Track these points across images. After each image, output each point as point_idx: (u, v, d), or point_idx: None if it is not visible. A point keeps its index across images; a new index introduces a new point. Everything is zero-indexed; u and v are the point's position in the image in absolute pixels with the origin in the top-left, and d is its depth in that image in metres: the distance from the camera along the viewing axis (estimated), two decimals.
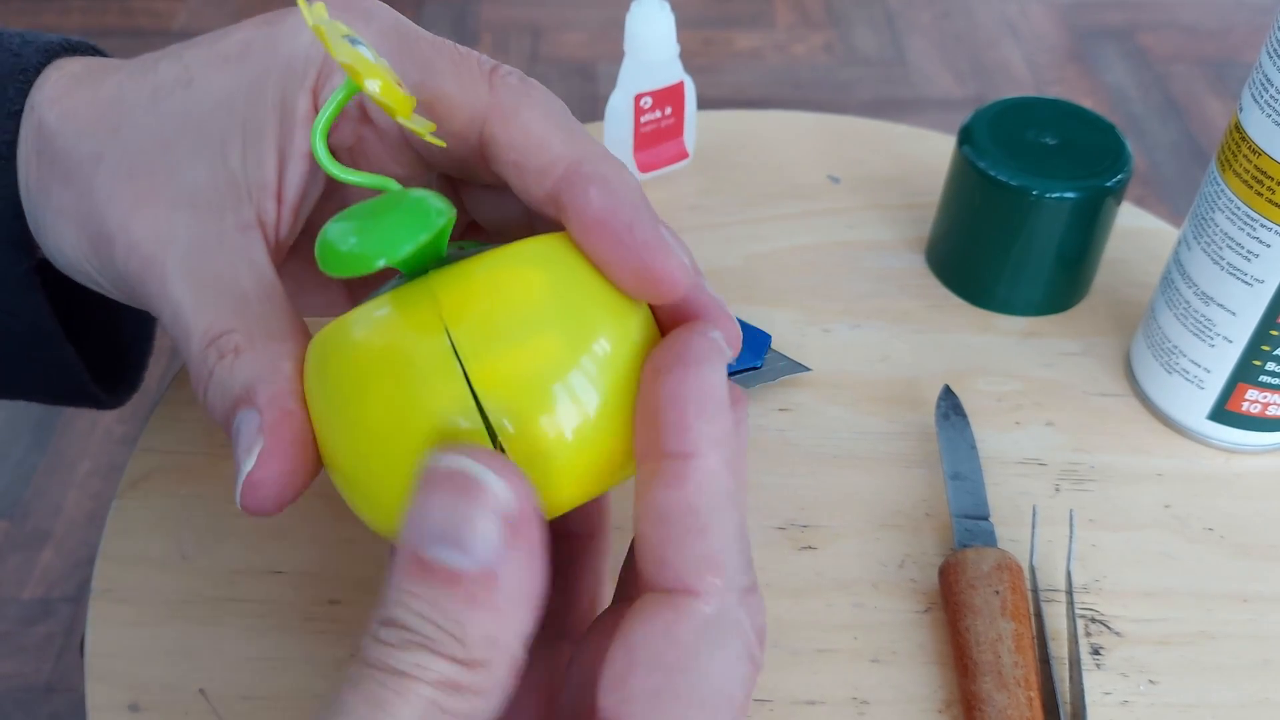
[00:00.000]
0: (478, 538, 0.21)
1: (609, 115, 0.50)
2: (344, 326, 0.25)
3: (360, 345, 0.24)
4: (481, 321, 0.23)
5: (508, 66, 0.30)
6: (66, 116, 0.31)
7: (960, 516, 0.38)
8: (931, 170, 0.54)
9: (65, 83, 0.32)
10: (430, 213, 0.24)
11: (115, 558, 0.37)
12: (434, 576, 0.21)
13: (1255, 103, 0.36)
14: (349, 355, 0.24)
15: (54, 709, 0.98)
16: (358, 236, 0.23)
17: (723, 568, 0.23)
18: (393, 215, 0.24)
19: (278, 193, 0.30)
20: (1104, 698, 0.35)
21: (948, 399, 0.42)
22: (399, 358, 0.23)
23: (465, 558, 0.21)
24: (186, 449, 0.40)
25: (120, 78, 0.31)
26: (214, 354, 0.27)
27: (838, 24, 1.81)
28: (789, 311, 0.47)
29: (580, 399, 0.24)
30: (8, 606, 1.05)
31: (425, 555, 0.21)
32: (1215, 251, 0.39)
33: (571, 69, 1.69)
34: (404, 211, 0.24)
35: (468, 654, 0.21)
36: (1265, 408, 0.41)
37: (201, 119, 0.30)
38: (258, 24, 0.31)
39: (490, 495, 0.21)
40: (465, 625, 0.21)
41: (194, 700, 0.33)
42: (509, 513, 0.21)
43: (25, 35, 0.33)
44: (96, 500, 1.13)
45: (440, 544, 0.21)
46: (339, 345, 0.25)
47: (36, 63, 0.32)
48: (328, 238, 0.24)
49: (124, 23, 1.78)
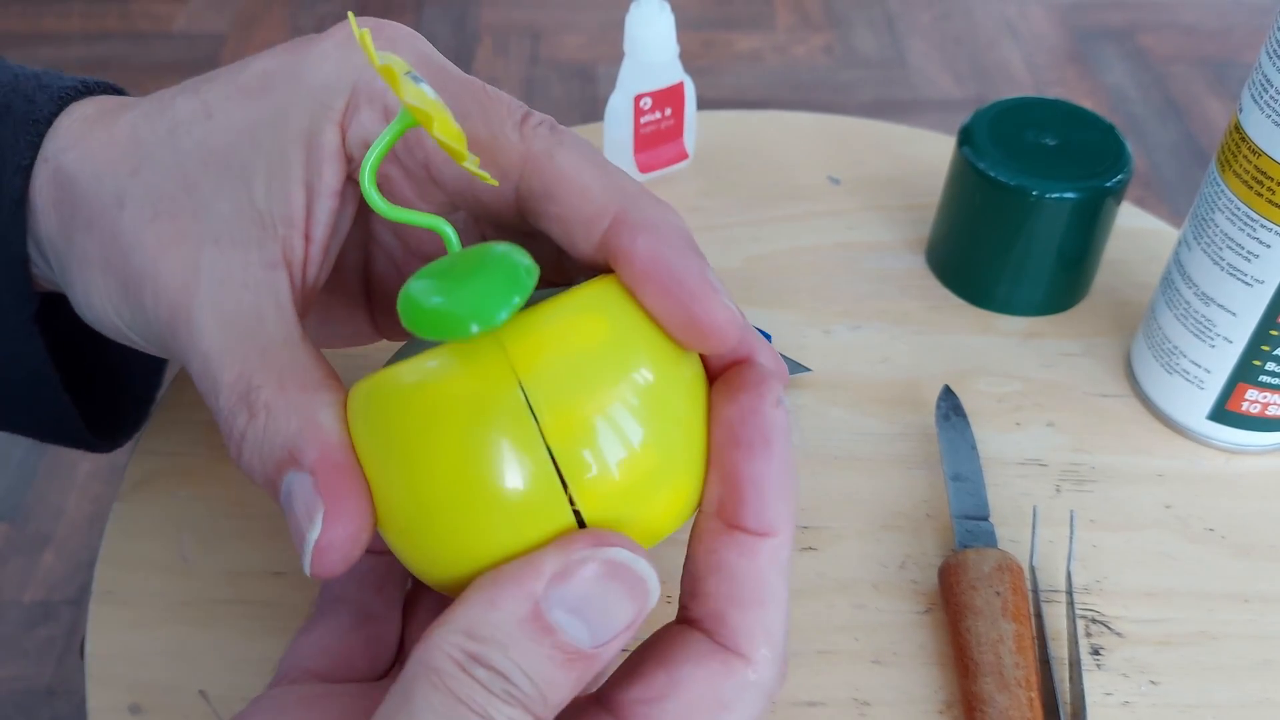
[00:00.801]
0: (612, 625, 0.23)
1: (609, 116, 0.50)
2: (401, 376, 0.24)
3: (425, 396, 0.24)
4: (553, 373, 0.23)
5: (538, 114, 0.29)
6: (84, 160, 0.30)
7: (961, 517, 0.38)
8: (931, 171, 0.54)
9: (79, 126, 0.31)
10: (520, 272, 0.23)
11: (116, 560, 0.37)
12: (553, 642, 0.22)
13: (1255, 103, 0.36)
14: (413, 407, 0.24)
15: (55, 712, 0.98)
16: (447, 297, 0.23)
17: (776, 643, 0.25)
18: (482, 275, 0.23)
19: (305, 230, 0.29)
20: (1105, 698, 0.35)
21: (948, 399, 0.42)
22: (470, 409, 0.23)
23: (589, 637, 0.23)
24: (187, 451, 0.40)
25: (134, 116, 0.30)
26: (244, 412, 0.26)
27: (838, 25, 1.81)
28: (789, 312, 0.47)
29: (649, 448, 0.24)
30: (9, 609, 1.05)
31: (550, 618, 0.22)
32: (1215, 252, 0.39)
33: (571, 71, 1.70)
34: (493, 270, 0.23)
35: (545, 715, 0.22)
36: (1265, 408, 0.41)
37: (223, 152, 0.29)
38: (277, 55, 0.30)
39: (647, 597, 0.23)
40: (558, 691, 0.22)
41: (195, 702, 0.33)
42: (645, 609, 0.23)
43: (42, 79, 0.32)
44: (97, 503, 1.13)
45: (574, 615, 0.23)
46: (398, 396, 0.24)
47: (49, 112, 0.31)
48: (414, 297, 0.23)
49: (123, 26, 1.78)
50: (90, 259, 0.30)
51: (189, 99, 0.30)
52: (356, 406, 0.26)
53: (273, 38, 1.75)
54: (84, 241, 0.30)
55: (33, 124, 0.31)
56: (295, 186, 0.29)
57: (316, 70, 0.29)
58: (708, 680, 0.24)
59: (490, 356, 0.24)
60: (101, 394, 0.39)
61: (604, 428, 0.24)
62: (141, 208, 0.29)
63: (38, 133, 0.31)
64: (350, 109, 0.29)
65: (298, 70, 0.30)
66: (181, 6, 1.82)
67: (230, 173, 0.29)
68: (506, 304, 0.23)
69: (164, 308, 0.28)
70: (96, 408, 0.38)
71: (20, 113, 0.31)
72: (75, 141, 0.31)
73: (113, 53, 1.72)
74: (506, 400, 0.23)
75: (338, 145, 0.29)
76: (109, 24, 1.78)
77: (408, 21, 1.74)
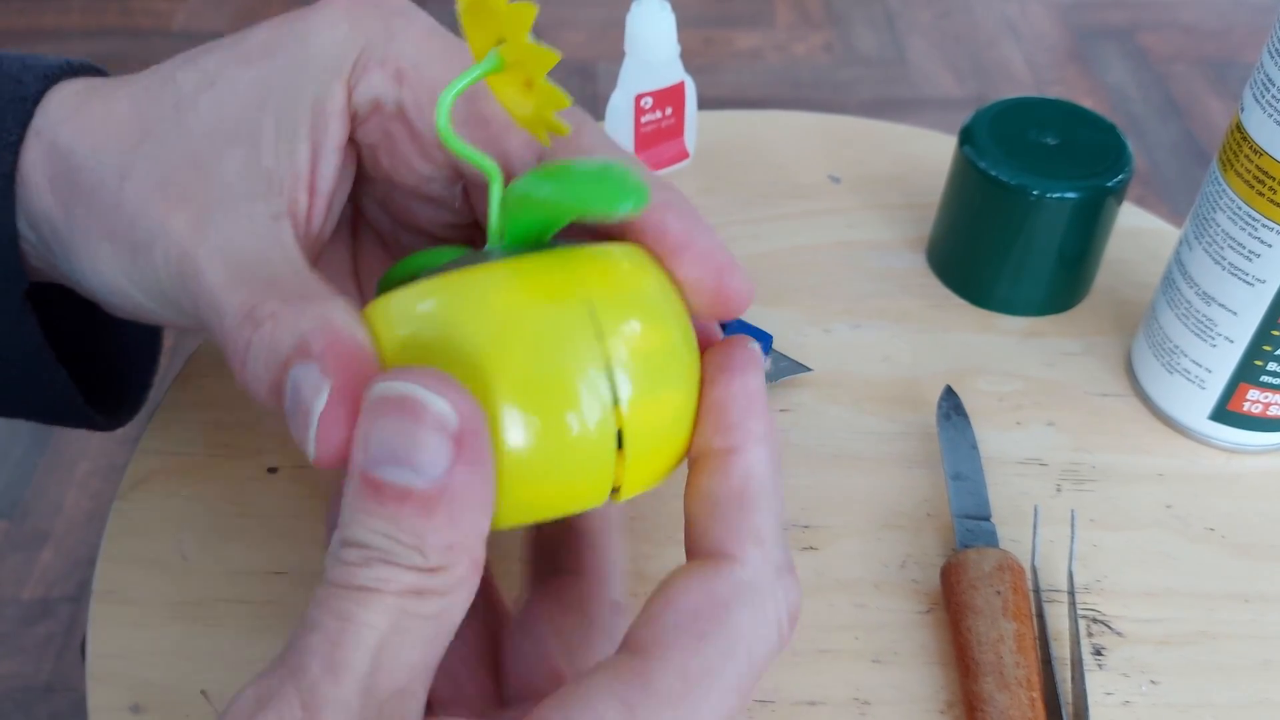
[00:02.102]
0: (425, 455, 0.22)
1: (609, 115, 0.50)
2: (455, 286, 0.25)
3: (490, 305, 0.24)
4: (618, 303, 0.25)
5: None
6: (81, 134, 0.30)
7: (961, 517, 0.38)
8: (932, 170, 0.54)
9: (72, 100, 0.31)
10: (638, 187, 0.24)
11: (117, 558, 0.37)
12: (386, 495, 0.22)
13: (1257, 103, 0.36)
14: (473, 315, 0.24)
15: (54, 709, 0.98)
16: (559, 184, 0.24)
17: (763, 541, 0.25)
18: (603, 178, 0.24)
19: (310, 183, 0.30)
20: (1105, 698, 0.35)
21: (949, 399, 0.42)
22: (542, 321, 0.24)
23: (415, 475, 0.22)
24: (188, 450, 0.40)
25: (134, 90, 0.31)
26: (250, 325, 0.26)
27: (838, 24, 1.81)
28: (790, 311, 0.47)
29: (680, 389, 0.26)
30: (7, 606, 1.05)
31: (376, 476, 0.22)
32: (1217, 251, 0.39)
33: (572, 69, 1.69)
34: (610, 176, 0.24)
35: (428, 561, 0.22)
36: (1266, 408, 0.41)
37: (230, 117, 0.30)
38: (277, 24, 0.31)
39: (433, 414, 0.22)
40: (423, 536, 0.22)
41: (195, 701, 0.33)
42: (453, 428, 0.22)
43: (25, 60, 0.32)
44: (96, 500, 1.13)
45: (389, 464, 0.22)
46: (455, 303, 0.24)
47: (37, 90, 0.31)
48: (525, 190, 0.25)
49: (123, 22, 1.78)
50: (92, 231, 0.30)
51: (189, 71, 0.30)
52: (390, 313, 0.25)
53: None
54: (84, 215, 0.30)
55: (20, 101, 0.31)
56: (301, 144, 0.29)
57: (322, 35, 0.30)
58: (700, 587, 0.25)
59: (563, 278, 0.25)
60: (100, 372, 0.39)
61: (656, 361, 0.25)
62: (147, 177, 0.29)
63: (25, 110, 0.30)
64: (359, 69, 0.30)
65: (302, 35, 0.30)
66: (181, 4, 1.82)
67: (238, 135, 0.29)
68: (631, 199, 0.23)
69: (174, 262, 0.28)
70: (96, 385, 0.38)
71: (7, 92, 0.31)
72: (70, 116, 0.30)
73: (112, 50, 1.72)
74: (577, 317, 0.24)
75: (343, 103, 0.30)
76: (109, 20, 1.78)
77: None
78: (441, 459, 0.22)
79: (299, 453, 0.40)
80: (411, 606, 0.22)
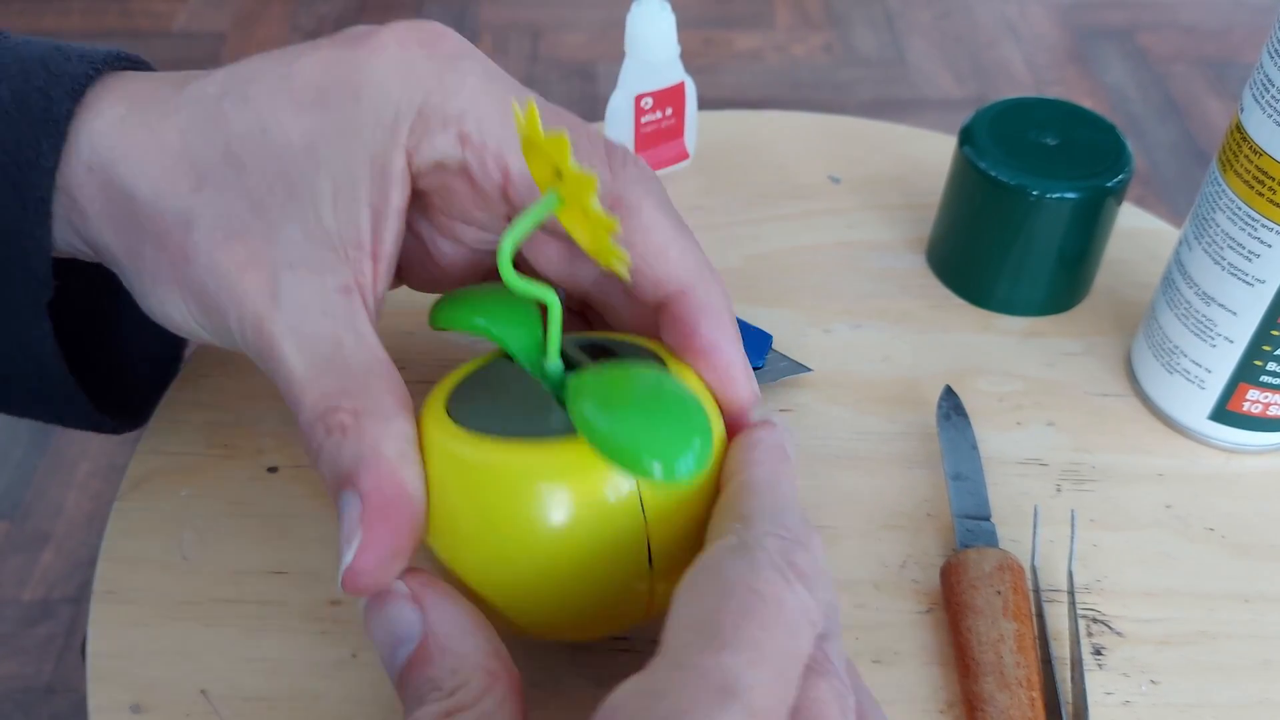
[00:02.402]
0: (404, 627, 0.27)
1: (609, 116, 0.50)
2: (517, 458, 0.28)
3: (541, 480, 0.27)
4: (666, 496, 0.28)
5: (618, 146, 0.32)
6: (138, 175, 0.30)
7: (961, 517, 0.38)
8: (932, 170, 0.54)
9: (118, 130, 0.31)
10: (699, 414, 0.27)
11: (117, 558, 0.37)
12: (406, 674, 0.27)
13: (1256, 103, 0.36)
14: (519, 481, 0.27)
15: (55, 710, 0.98)
16: (630, 431, 0.26)
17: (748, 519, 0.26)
18: (663, 414, 0.26)
19: (373, 251, 0.30)
20: (1105, 698, 0.35)
21: (949, 399, 0.42)
22: (598, 524, 0.28)
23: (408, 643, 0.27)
24: (188, 450, 0.40)
25: (181, 123, 0.31)
26: (322, 429, 0.28)
27: (837, 24, 1.81)
28: (790, 312, 0.47)
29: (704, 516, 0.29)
30: (8, 607, 1.05)
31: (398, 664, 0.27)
32: (1216, 252, 0.39)
33: (571, 69, 1.69)
34: (671, 409, 0.27)
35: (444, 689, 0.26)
36: (1266, 408, 0.41)
37: (287, 173, 0.30)
38: (326, 61, 0.31)
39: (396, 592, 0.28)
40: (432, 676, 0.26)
41: (196, 701, 0.33)
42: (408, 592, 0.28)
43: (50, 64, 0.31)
44: (97, 501, 1.13)
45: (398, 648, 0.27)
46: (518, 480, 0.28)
47: (67, 109, 0.31)
48: (593, 423, 0.26)
49: (123, 24, 1.78)
50: (162, 276, 0.31)
51: (239, 108, 0.30)
52: (450, 451, 0.28)
53: (272, 36, 1.75)
54: (154, 258, 0.31)
55: (51, 123, 0.30)
56: (362, 209, 0.30)
57: (376, 89, 0.30)
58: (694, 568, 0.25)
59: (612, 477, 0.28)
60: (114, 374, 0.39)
61: (689, 525, 0.29)
62: (212, 230, 0.30)
63: (58, 131, 0.30)
64: (418, 131, 0.30)
65: (354, 85, 0.30)
66: (181, 4, 1.82)
67: (296, 194, 0.30)
68: (690, 450, 0.26)
69: (250, 332, 0.30)
70: (107, 390, 0.38)
71: (36, 109, 0.30)
72: (121, 147, 0.30)
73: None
74: (632, 514, 0.28)
75: (404, 167, 0.30)
76: (109, 22, 1.78)
77: (407, 18, 1.74)
78: (413, 622, 0.26)
79: (299, 453, 0.40)
80: None
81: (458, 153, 0.31)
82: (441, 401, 0.30)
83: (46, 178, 0.30)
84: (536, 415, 0.29)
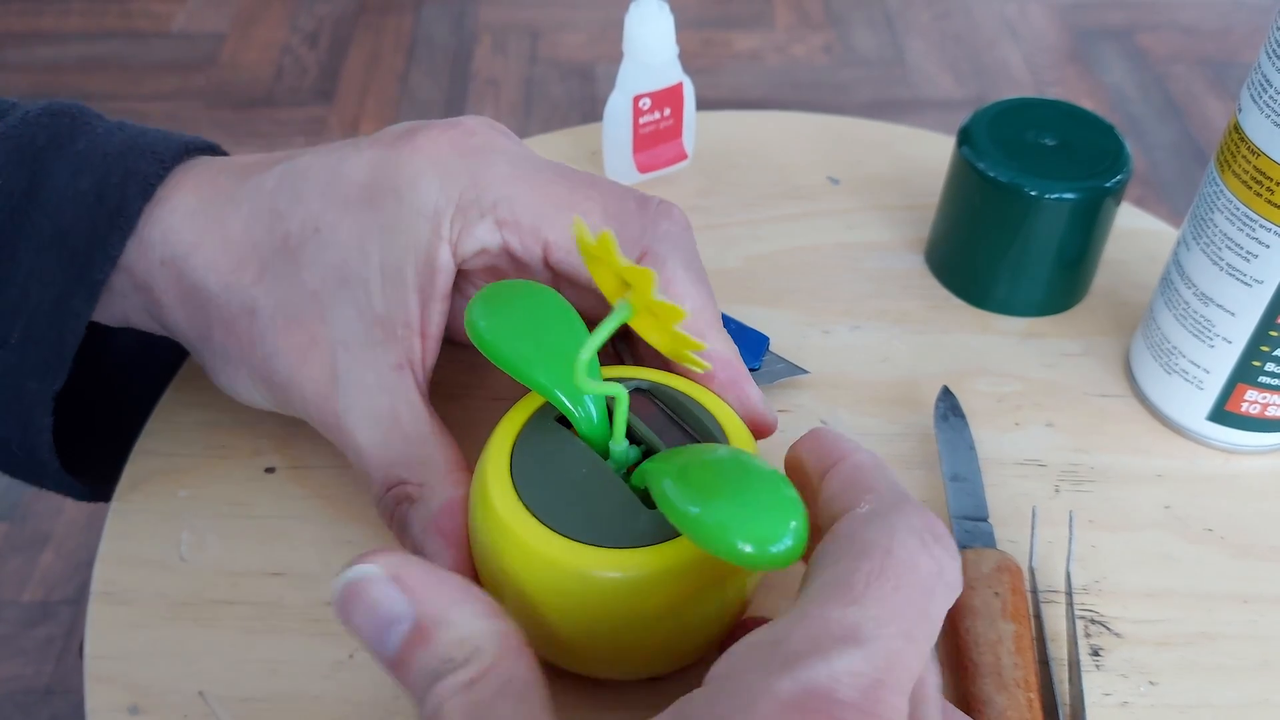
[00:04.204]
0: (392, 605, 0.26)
1: (608, 116, 0.50)
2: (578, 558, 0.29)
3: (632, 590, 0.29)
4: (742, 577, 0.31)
5: (657, 200, 0.35)
6: (208, 269, 0.34)
7: (959, 518, 0.38)
8: (931, 171, 0.54)
9: (188, 224, 0.34)
10: (790, 502, 0.27)
11: (115, 560, 0.37)
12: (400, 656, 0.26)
13: (1254, 103, 0.36)
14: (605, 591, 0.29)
15: (54, 711, 0.98)
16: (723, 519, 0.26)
17: (878, 490, 0.27)
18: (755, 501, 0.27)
19: (422, 330, 0.34)
20: (1104, 699, 0.35)
21: (946, 400, 0.42)
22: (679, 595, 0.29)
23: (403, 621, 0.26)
24: (186, 451, 0.40)
25: (245, 218, 0.34)
26: (392, 500, 0.34)
27: (837, 25, 1.81)
28: (788, 312, 0.47)
29: None
30: (7, 609, 1.05)
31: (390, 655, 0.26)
32: (1214, 252, 0.39)
33: (570, 70, 1.69)
34: (763, 495, 0.27)
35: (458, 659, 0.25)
36: (1265, 408, 0.41)
37: (339, 266, 0.34)
38: (370, 161, 0.34)
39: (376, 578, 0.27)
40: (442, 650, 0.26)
41: (194, 702, 0.33)
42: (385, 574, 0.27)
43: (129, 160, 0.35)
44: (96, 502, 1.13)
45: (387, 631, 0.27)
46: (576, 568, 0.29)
47: (139, 206, 0.34)
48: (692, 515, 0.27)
49: (123, 25, 1.78)
50: (231, 357, 0.35)
51: (292, 205, 0.34)
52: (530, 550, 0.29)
53: (272, 37, 1.75)
54: (223, 341, 0.35)
55: (123, 218, 0.34)
56: (411, 294, 0.34)
57: (417, 190, 0.34)
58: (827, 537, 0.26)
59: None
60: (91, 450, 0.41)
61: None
62: (273, 316, 0.34)
63: (127, 226, 0.34)
64: (458, 224, 0.34)
65: (397, 187, 0.34)
66: (180, 5, 1.82)
67: (347, 283, 0.34)
68: (786, 533, 0.26)
69: (313, 410, 0.34)
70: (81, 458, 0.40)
71: (112, 205, 0.34)
72: (191, 242, 0.34)
73: (112, 52, 1.72)
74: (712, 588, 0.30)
75: (448, 258, 0.34)
76: (108, 23, 1.78)
77: (406, 20, 1.74)
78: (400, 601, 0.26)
79: (297, 453, 0.40)
80: (477, 694, 0.24)
81: (497, 237, 0.34)
82: (505, 468, 0.31)
83: (109, 263, 0.34)
84: (614, 511, 0.30)
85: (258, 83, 1.66)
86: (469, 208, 0.34)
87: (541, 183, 0.34)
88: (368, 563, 0.26)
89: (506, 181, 0.34)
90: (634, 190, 0.35)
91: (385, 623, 0.26)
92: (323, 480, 0.39)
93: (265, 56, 1.71)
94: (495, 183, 0.34)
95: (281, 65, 1.69)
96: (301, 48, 1.72)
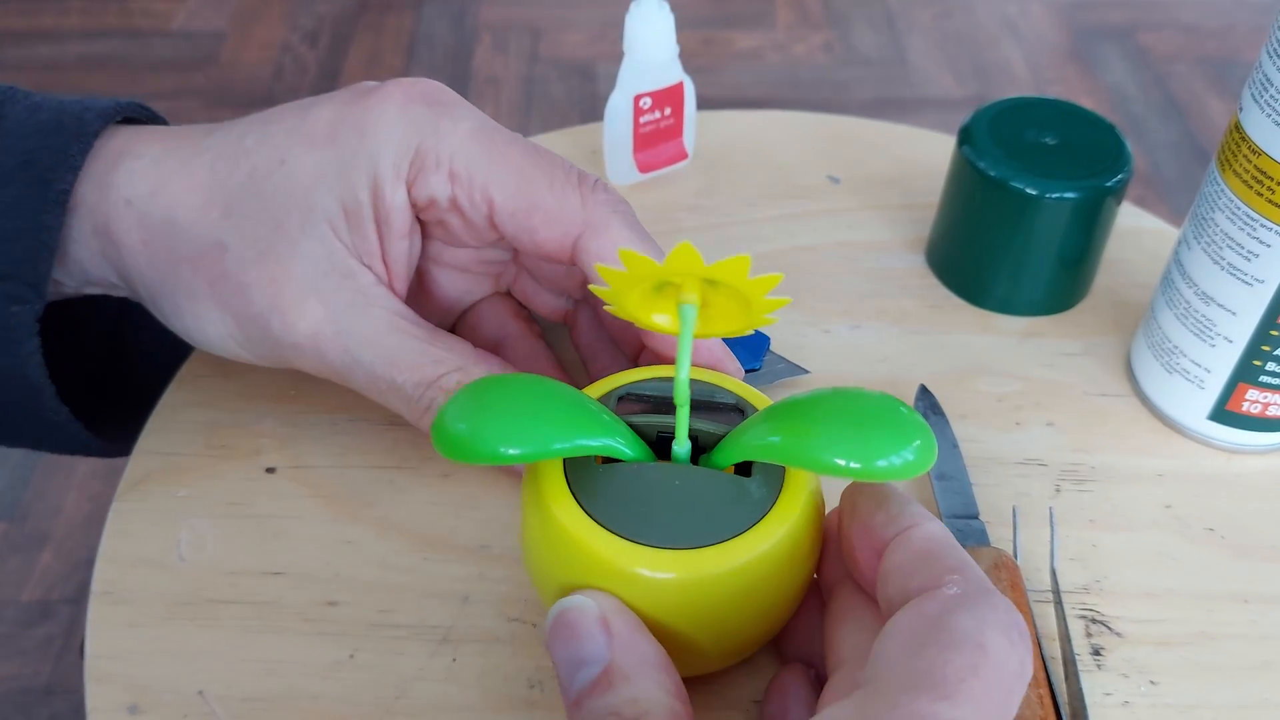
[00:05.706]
0: (591, 648, 0.27)
1: (608, 115, 0.50)
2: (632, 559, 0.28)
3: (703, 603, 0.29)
4: None
5: (592, 176, 0.36)
6: (175, 206, 0.35)
7: (950, 517, 0.38)
8: (931, 170, 0.54)
9: (151, 169, 0.35)
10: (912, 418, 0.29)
11: (114, 559, 0.37)
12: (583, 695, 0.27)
13: (1255, 103, 0.36)
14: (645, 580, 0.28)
15: (53, 711, 0.98)
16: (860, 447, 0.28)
17: (963, 570, 0.26)
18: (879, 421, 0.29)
19: (383, 258, 0.36)
20: (1105, 698, 0.35)
21: (925, 399, 0.42)
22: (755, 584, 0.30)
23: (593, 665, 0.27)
24: (185, 451, 0.40)
25: (210, 160, 0.35)
26: (432, 397, 0.34)
27: (837, 24, 1.81)
28: (789, 312, 0.47)
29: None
30: (7, 608, 1.05)
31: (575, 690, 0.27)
32: (1215, 251, 0.39)
33: (571, 69, 1.69)
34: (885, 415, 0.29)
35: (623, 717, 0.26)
36: (1266, 408, 0.41)
37: (302, 197, 0.34)
38: (338, 104, 0.35)
39: (588, 617, 0.28)
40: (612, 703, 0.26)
41: (193, 702, 0.33)
42: (598, 616, 0.28)
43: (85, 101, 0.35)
44: (95, 502, 1.13)
45: (579, 670, 0.27)
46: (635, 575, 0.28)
47: (97, 127, 0.35)
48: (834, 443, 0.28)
49: (122, 23, 1.78)
50: (200, 294, 0.35)
51: (259, 142, 0.35)
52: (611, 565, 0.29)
53: (272, 36, 1.74)
54: (192, 277, 0.35)
55: (83, 137, 0.34)
56: (369, 225, 0.35)
57: (379, 129, 0.34)
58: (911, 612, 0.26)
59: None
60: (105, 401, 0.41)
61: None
62: (244, 250, 0.34)
63: (87, 140, 0.34)
64: (415, 168, 0.35)
65: (361, 124, 0.35)
66: (180, 4, 1.82)
67: (312, 215, 0.34)
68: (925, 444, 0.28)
69: (300, 336, 0.34)
70: (99, 415, 0.40)
71: (71, 127, 0.34)
72: (159, 181, 0.35)
73: (111, 50, 1.72)
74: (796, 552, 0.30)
75: (405, 200, 0.35)
76: (107, 21, 1.78)
77: (407, 19, 1.74)
78: (601, 646, 0.27)
79: (296, 453, 0.40)
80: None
81: (448, 190, 0.35)
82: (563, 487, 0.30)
83: (71, 174, 0.34)
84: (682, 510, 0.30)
85: (258, 82, 1.66)
86: (427, 154, 0.35)
87: (498, 144, 0.35)
88: (585, 595, 0.27)
89: (466, 137, 0.35)
90: (576, 167, 0.36)
91: (580, 662, 0.26)
92: (323, 480, 0.39)
93: (265, 55, 1.71)
94: (455, 136, 0.35)
95: (281, 64, 1.69)
96: (301, 46, 1.72)
